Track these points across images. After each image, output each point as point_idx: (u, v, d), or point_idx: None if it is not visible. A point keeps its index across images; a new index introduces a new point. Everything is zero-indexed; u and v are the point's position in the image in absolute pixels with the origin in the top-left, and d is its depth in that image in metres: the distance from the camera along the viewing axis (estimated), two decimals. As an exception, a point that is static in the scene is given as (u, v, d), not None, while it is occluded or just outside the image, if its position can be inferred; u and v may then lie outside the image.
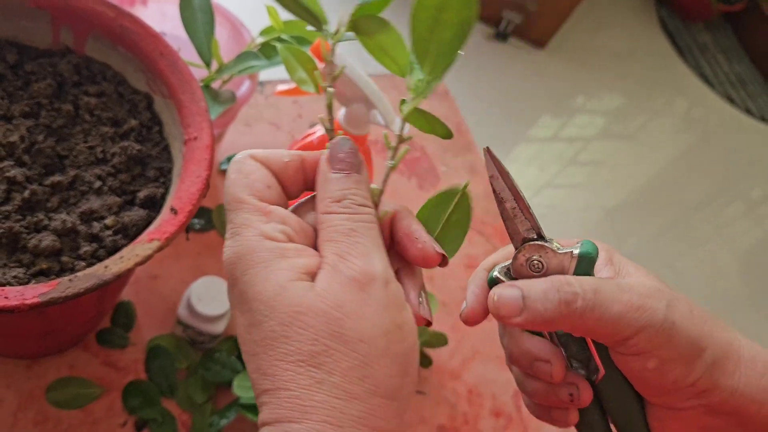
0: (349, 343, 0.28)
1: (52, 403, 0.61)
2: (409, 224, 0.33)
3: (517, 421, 0.78)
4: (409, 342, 0.30)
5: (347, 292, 0.28)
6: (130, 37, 0.53)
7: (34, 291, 0.41)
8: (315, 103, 0.92)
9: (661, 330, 0.33)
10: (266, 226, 0.30)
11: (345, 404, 0.27)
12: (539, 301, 0.33)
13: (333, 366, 0.28)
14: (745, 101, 2.84)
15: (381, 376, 0.28)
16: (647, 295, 0.34)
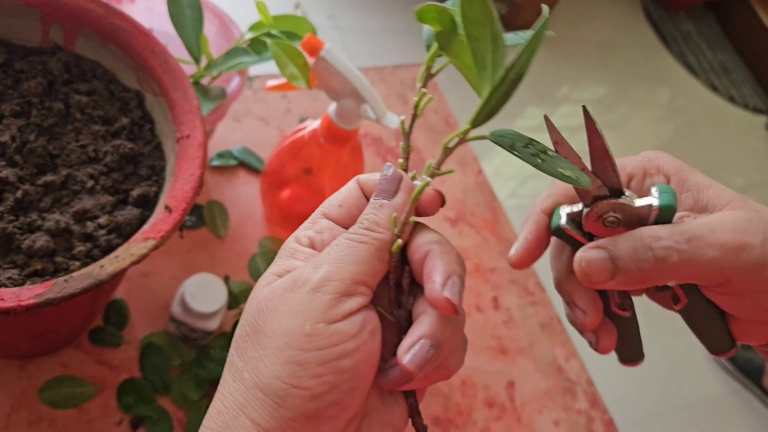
0: (258, 335, 0.30)
1: (46, 402, 0.61)
2: (433, 264, 0.31)
3: (510, 411, 0.79)
4: (315, 355, 0.29)
5: (281, 289, 0.30)
6: (121, 35, 0.53)
7: (30, 292, 0.41)
8: (304, 97, 0.92)
9: (762, 267, 0.31)
10: (302, 232, 0.33)
11: (236, 388, 0.30)
12: (631, 261, 0.32)
13: (244, 353, 0.30)
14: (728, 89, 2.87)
15: (267, 375, 0.29)
16: (742, 230, 0.32)
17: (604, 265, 0.32)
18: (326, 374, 0.28)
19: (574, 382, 0.85)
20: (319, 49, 0.63)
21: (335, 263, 0.30)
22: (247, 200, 0.80)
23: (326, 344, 0.29)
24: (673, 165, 0.37)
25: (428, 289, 0.30)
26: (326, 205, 0.34)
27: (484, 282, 0.88)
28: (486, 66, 0.30)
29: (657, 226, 0.33)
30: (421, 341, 0.30)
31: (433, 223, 0.90)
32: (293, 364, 0.28)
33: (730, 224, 0.32)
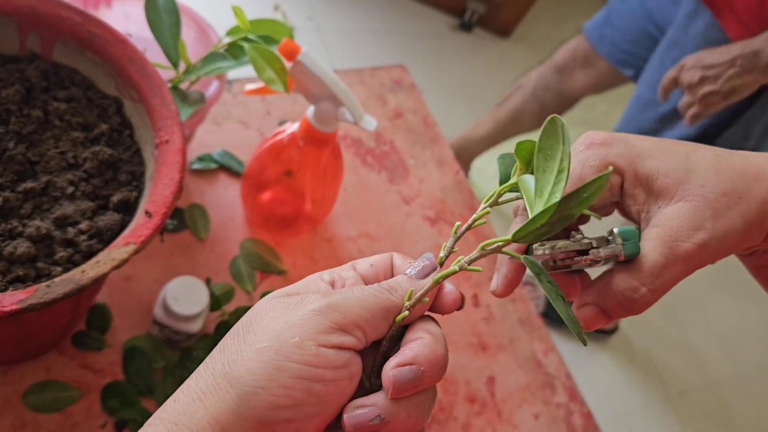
0: (246, 332, 0.31)
1: (29, 407, 0.61)
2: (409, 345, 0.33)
3: (491, 406, 0.81)
4: (294, 366, 0.29)
5: (285, 303, 0.32)
6: (98, 43, 0.54)
7: (12, 298, 0.41)
8: (283, 100, 0.93)
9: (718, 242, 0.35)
10: (326, 271, 0.35)
11: (203, 377, 0.30)
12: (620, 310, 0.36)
13: (225, 346, 0.31)
14: (704, 86, 2.91)
15: (241, 368, 0.29)
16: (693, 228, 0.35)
17: (598, 317, 0.36)
18: (296, 389, 0.29)
19: (553, 377, 0.86)
20: (296, 53, 0.64)
21: (345, 299, 0.32)
22: (227, 203, 0.81)
23: (308, 362, 0.29)
24: (623, 156, 0.39)
25: (387, 362, 0.32)
26: (359, 260, 0.37)
27: (464, 280, 0.89)
28: (543, 194, 0.34)
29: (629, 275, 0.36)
30: (370, 407, 0.31)
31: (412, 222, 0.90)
32: (270, 366, 0.29)
33: (683, 231, 0.35)
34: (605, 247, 0.36)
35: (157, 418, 0.30)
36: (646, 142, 0.39)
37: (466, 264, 0.35)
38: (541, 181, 0.34)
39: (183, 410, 0.30)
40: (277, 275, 0.78)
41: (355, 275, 0.36)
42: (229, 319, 0.70)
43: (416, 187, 0.94)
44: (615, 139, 0.39)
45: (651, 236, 0.36)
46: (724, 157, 0.38)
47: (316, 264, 0.81)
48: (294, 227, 0.81)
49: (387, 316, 0.33)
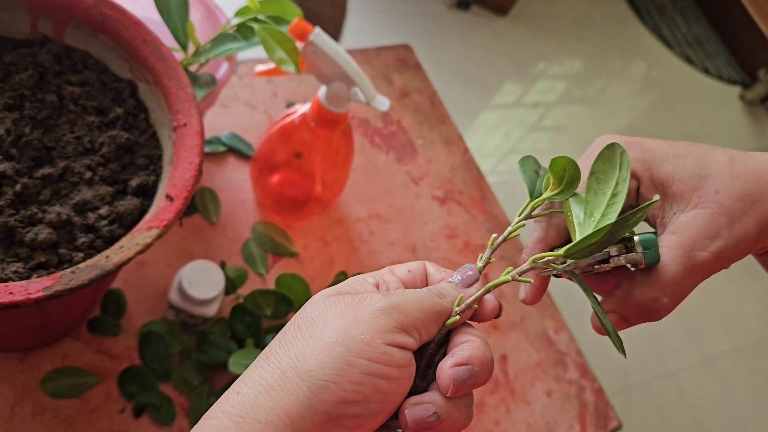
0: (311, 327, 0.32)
1: (48, 393, 0.61)
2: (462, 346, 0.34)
3: (503, 384, 0.81)
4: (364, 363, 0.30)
5: (347, 301, 0.33)
6: (111, 25, 0.53)
7: (38, 285, 0.41)
8: (290, 81, 0.92)
9: (734, 246, 0.37)
10: (369, 274, 0.37)
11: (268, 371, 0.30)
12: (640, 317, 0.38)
13: (288, 340, 0.32)
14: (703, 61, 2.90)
15: (311, 361, 0.30)
16: (710, 237, 0.36)
17: (619, 324, 0.39)
18: (365, 385, 0.30)
19: (564, 354, 0.87)
20: (308, 33, 0.64)
21: (404, 301, 0.33)
22: (237, 186, 0.80)
23: (376, 359, 0.30)
24: (639, 161, 0.40)
25: (442, 362, 0.33)
26: (396, 266, 0.38)
27: (474, 259, 0.89)
28: (594, 215, 0.36)
29: (649, 286, 0.37)
30: (427, 404, 0.32)
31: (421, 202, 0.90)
32: (340, 362, 0.29)
33: (700, 240, 0.37)
34: (626, 255, 0.37)
35: (219, 411, 0.30)
36: (662, 146, 0.40)
37: (517, 275, 0.36)
38: (592, 203, 0.36)
39: (250, 403, 0.29)
40: (290, 257, 0.78)
41: (396, 279, 0.36)
42: (245, 303, 0.70)
43: (424, 167, 0.94)
44: (631, 143, 0.40)
45: (669, 244, 0.37)
46: (739, 159, 0.39)
47: (328, 246, 0.81)
48: (305, 209, 0.81)
49: (438, 320, 0.34)
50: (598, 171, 0.37)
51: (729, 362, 2.00)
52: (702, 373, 1.94)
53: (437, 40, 2.39)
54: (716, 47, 3.00)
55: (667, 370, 1.91)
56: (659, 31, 2.92)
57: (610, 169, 0.36)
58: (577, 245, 0.34)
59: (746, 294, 2.19)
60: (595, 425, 0.83)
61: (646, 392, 1.84)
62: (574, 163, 0.37)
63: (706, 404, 1.90)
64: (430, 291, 0.35)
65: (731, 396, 1.94)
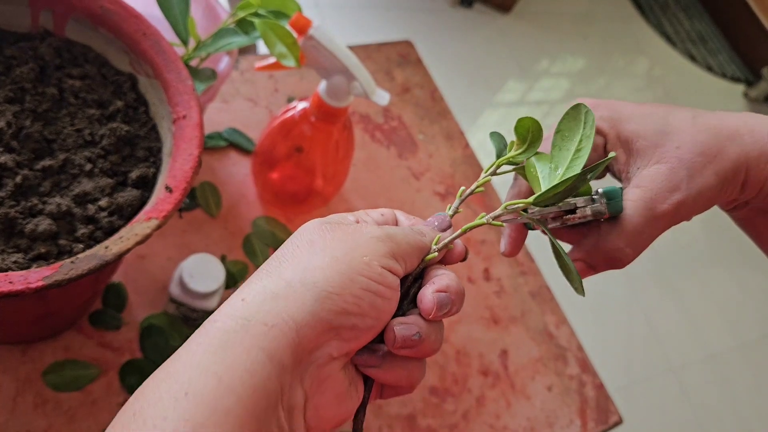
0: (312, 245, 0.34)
1: (50, 386, 0.62)
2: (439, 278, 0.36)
3: (504, 378, 0.81)
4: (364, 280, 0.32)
5: (341, 225, 0.35)
6: (112, 19, 0.53)
7: (38, 274, 0.41)
8: (291, 77, 0.92)
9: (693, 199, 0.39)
10: (351, 215, 0.38)
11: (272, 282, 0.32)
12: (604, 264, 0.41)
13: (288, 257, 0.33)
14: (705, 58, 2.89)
15: (317, 273, 0.32)
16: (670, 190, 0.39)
17: (585, 271, 0.42)
18: (364, 300, 0.32)
19: (565, 348, 0.87)
20: (308, 27, 0.64)
21: (396, 233, 0.36)
22: (239, 180, 0.81)
23: (375, 278, 0.33)
24: (606, 120, 0.42)
25: (423, 289, 0.36)
26: (369, 210, 0.40)
27: (475, 254, 0.89)
28: (558, 168, 0.38)
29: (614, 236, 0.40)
30: (413, 324, 0.35)
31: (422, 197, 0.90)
32: (344, 276, 0.32)
33: (661, 193, 0.39)
34: (591, 206, 0.40)
35: (223, 315, 0.31)
36: (629, 107, 0.43)
37: (490, 219, 0.39)
38: (557, 158, 0.39)
39: (255, 308, 0.31)
40: (290, 252, 0.78)
41: (372, 220, 0.39)
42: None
43: (425, 162, 0.94)
44: (599, 104, 0.43)
45: (632, 197, 0.40)
46: (701, 117, 0.41)
47: (328, 240, 0.81)
48: (305, 204, 0.81)
49: (420, 255, 0.37)
50: (564, 129, 0.39)
51: (731, 358, 2.00)
52: (704, 370, 1.94)
53: (440, 37, 2.40)
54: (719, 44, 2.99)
55: (669, 366, 1.91)
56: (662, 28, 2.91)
57: (575, 127, 0.39)
58: (544, 194, 0.37)
59: (749, 290, 2.19)
60: (596, 420, 0.83)
61: (648, 388, 1.84)
62: (537, 123, 0.39)
63: (708, 400, 1.89)
64: (413, 229, 0.37)
65: (733, 392, 1.94)
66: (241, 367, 0.28)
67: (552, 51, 2.63)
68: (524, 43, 2.58)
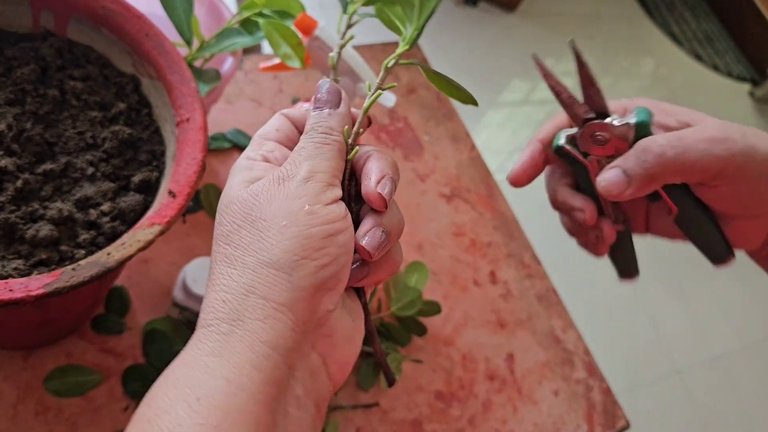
0: (254, 222, 0.32)
1: (51, 392, 0.61)
2: (370, 165, 0.36)
3: (510, 383, 0.80)
4: (318, 230, 0.32)
5: (266, 186, 0.33)
6: (114, 19, 0.52)
7: (38, 282, 0.41)
8: (295, 77, 0.91)
9: (746, 153, 0.38)
10: (251, 152, 0.37)
11: (238, 273, 0.31)
12: (638, 166, 0.40)
13: (238, 242, 0.32)
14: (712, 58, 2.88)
15: (275, 250, 0.31)
16: (722, 129, 0.39)
17: (619, 179, 0.40)
18: (328, 247, 0.32)
19: (571, 353, 0.86)
20: (313, 28, 0.63)
21: (313, 159, 0.34)
22: (242, 183, 0.80)
23: (325, 221, 0.32)
24: (663, 106, 0.44)
25: (364, 186, 0.35)
26: (262, 132, 0.38)
27: (481, 257, 0.88)
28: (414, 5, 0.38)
29: (653, 136, 0.40)
30: (373, 228, 0.34)
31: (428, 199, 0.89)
32: (300, 238, 0.31)
33: (712, 126, 0.40)
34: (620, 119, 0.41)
35: (213, 319, 0.31)
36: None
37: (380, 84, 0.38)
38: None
39: (239, 306, 0.30)
40: (295, 255, 0.77)
41: (275, 145, 0.37)
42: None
43: (431, 164, 0.93)
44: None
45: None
46: None
47: (333, 243, 0.80)
48: (310, 206, 0.80)
49: (342, 157, 0.35)
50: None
51: (736, 360, 1.99)
52: (709, 371, 1.93)
53: (444, 35, 2.38)
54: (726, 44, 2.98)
55: (674, 368, 1.90)
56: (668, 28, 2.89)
57: None
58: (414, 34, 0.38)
59: (753, 292, 2.18)
60: (603, 425, 0.82)
61: (653, 391, 1.83)
62: None
63: (713, 402, 1.88)
64: (319, 134, 0.35)
65: (738, 394, 1.92)
66: (248, 364, 0.29)
67: (557, 50, 2.62)
68: (529, 43, 2.56)
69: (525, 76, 2.46)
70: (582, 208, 0.45)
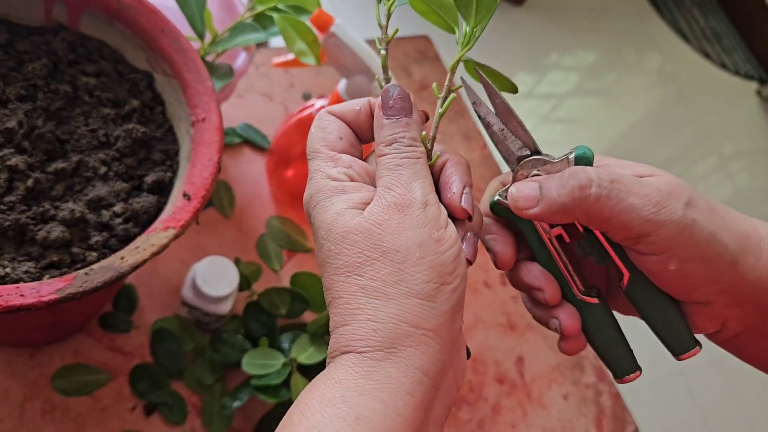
0: (387, 254, 0.32)
1: (58, 391, 0.60)
2: (450, 174, 0.36)
3: (520, 387, 0.79)
4: (448, 254, 0.32)
5: (387, 214, 0.33)
6: (128, 13, 0.51)
7: (50, 287, 0.39)
8: (307, 72, 0.90)
9: (681, 227, 0.34)
10: (332, 170, 0.35)
11: (384, 304, 0.31)
12: (555, 188, 0.35)
13: (374, 274, 0.32)
14: (720, 56, 2.86)
15: (415, 281, 0.32)
16: (667, 191, 0.34)
17: (532, 193, 0.36)
18: (457, 268, 0.32)
19: (581, 356, 0.85)
20: (329, 24, 0.61)
21: (418, 180, 0.34)
22: (252, 179, 0.79)
23: (450, 245, 0.33)
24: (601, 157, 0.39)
25: (447, 199, 0.35)
26: (325, 141, 0.36)
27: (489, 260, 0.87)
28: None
29: (587, 167, 0.36)
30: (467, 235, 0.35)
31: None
32: (436, 266, 0.32)
33: (658, 184, 0.35)
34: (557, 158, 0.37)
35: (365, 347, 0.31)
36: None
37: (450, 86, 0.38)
38: None
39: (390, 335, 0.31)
40: (305, 253, 0.76)
41: (350, 158, 0.36)
42: (260, 300, 0.68)
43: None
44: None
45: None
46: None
47: (343, 242, 0.79)
48: (320, 204, 0.79)
49: (427, 169, 0.35)
50: None
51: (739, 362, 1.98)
52: (712, 372, 1.92)
53: (451, 29, 2.36)
54: (734, 42, 2.96)
55: (677, 368, 1.89)
56: (677, 25, 2.87)
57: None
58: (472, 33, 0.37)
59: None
60: (613, 430, 0.81)
61: (656, 390, 1.83)
62: None
63: (716, 403, 1.88)
64: (405, 149, 0.34)
65: (741, 395, 1.92)
66: (402, 390, 0.30)
67: (563, 44, 2.60)
68: (536, 36, 2.54)
69: (530, 69, 2.44)
70: (540, 287, 0.38)
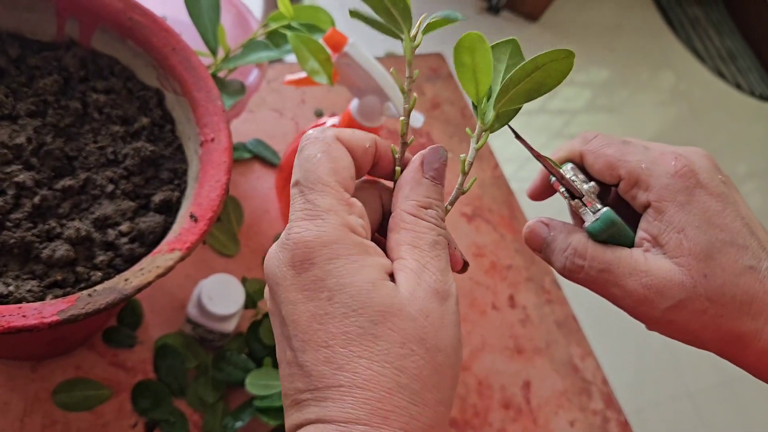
0: (430, 351, 0.28)
1: (59, 405, 0.59)
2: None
3: (526, 412, 0.78)
4: (461, 357, 0.30)
5: (431, 302, 0.29)
6: (140, 31, 0.50)
7: (53, 308, 0.39)
8: (318, 88, 0.90)
9: (659, 325, 0.35)
10: (350, 218, 0.30)
11: (420, 411, 0.28)
12: (554, 254, 0.37)
13: (415, 371, 0.28)
14: (735, 76, 2.84)
15: (446, 387, 0.29)
16: (657, 290, 0.33)
17: (538, 242, 0.38)
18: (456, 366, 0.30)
19: (590, 382, 0.84)
20: (343, 44, 0.61)
21: (448, 267, 0.31)
22: (261, 195, 0.78)
23: (454, 297, 0.30)
24: (660, 190, 0.35)
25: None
26: (338, 177, 0.31)
27: (500, 279, 0.86)
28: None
29: (592, 242, 0.36)
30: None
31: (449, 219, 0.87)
32: (457, 369, 0.30)
33: (652, 278, 0.33)
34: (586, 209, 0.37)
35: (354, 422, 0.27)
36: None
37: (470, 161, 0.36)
38: None
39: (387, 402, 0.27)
40: (311, 272, 0.75)
41: (361, 206, 0.31)
42: (263, 319, 0.67)
43: (453, 183, 0.91)
44: None
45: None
46: None
47: (351, 260, 0.79)
48: (329, 222, 0.78)
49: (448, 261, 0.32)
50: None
51: (747, 385, 1.96)
52: (720, 394, 1.90)
53: (465, 43, 2.36)
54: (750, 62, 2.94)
55: (685, 390, 1.87)
56: (691, 44, 2.86)
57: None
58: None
59: None
60: (619, 458, 0.80)
61: (663, 412, 1.81)
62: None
63: (724, 425, 1.86)
64: (439, 229, 0.32)
65: (748, 418, 1.90)
66: None
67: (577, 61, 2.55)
68: (549, 53, 2.54)
69: (544, 87, 2.43)
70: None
